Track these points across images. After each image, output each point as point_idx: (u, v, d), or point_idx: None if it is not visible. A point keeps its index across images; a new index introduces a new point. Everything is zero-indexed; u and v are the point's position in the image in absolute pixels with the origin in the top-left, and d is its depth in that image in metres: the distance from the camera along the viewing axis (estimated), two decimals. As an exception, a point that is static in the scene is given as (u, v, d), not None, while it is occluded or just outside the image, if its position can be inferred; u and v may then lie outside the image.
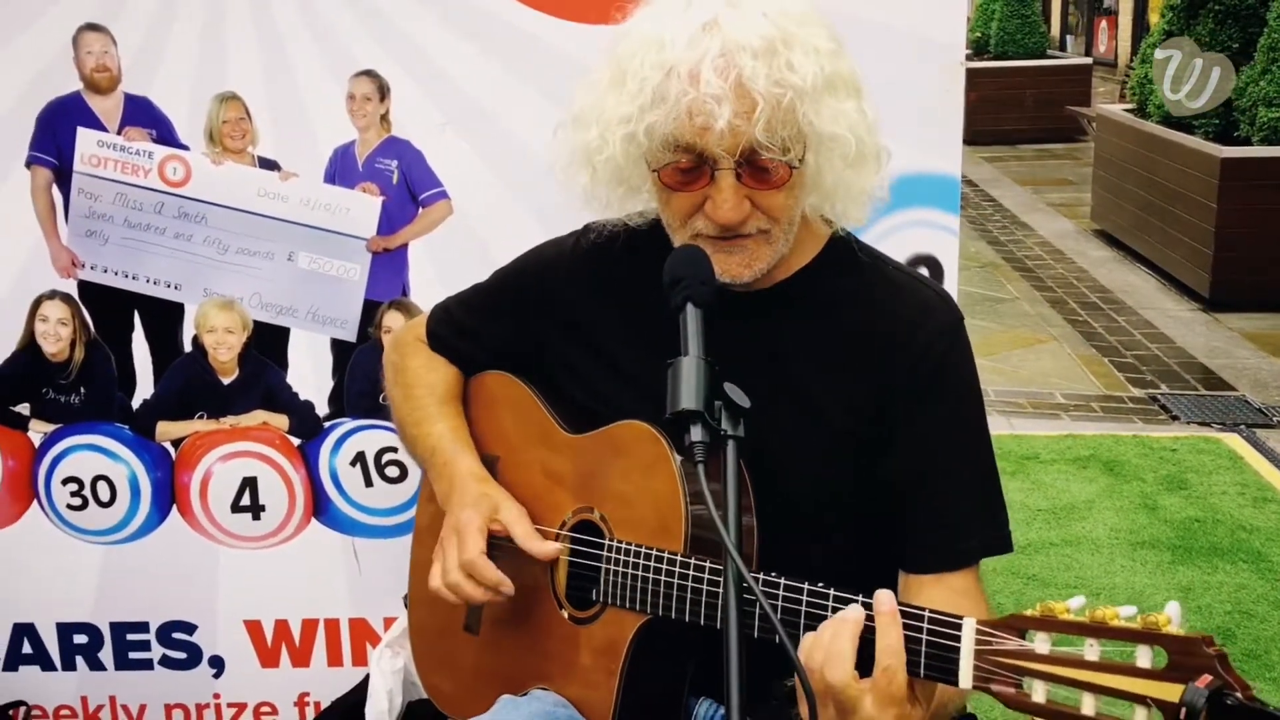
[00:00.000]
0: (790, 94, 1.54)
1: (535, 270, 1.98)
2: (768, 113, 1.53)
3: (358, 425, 2.66)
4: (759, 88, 1.52)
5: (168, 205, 2.53)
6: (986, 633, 1.34)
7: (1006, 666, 1.32)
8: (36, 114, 2.50)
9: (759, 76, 1.53)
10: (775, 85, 1.53)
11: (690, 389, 1.45)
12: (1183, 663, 1.19)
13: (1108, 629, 1.24)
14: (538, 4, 2.42)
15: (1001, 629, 1.33)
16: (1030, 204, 11.17)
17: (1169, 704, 1.18)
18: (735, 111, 1.52)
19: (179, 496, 2.70)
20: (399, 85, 2.49)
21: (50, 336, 2.59)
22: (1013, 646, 1.32)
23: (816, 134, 1.59)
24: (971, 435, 1.74)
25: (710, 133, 1.53)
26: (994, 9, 15.18)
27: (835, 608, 1.49)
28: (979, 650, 1.35)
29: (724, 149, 1.55)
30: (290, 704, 2.82)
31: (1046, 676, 1.28)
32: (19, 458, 2.68)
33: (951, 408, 1.73)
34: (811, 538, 1.70)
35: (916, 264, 2.48)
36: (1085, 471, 4.98)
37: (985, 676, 1.34)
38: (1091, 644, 1.25)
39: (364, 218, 2.55)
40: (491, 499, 1.85)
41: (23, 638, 2.78)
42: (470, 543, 1.78)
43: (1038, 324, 7.45)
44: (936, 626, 1.39)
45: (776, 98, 1.53)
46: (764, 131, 1.53)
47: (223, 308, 2.59)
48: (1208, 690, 1.16)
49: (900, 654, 1.39)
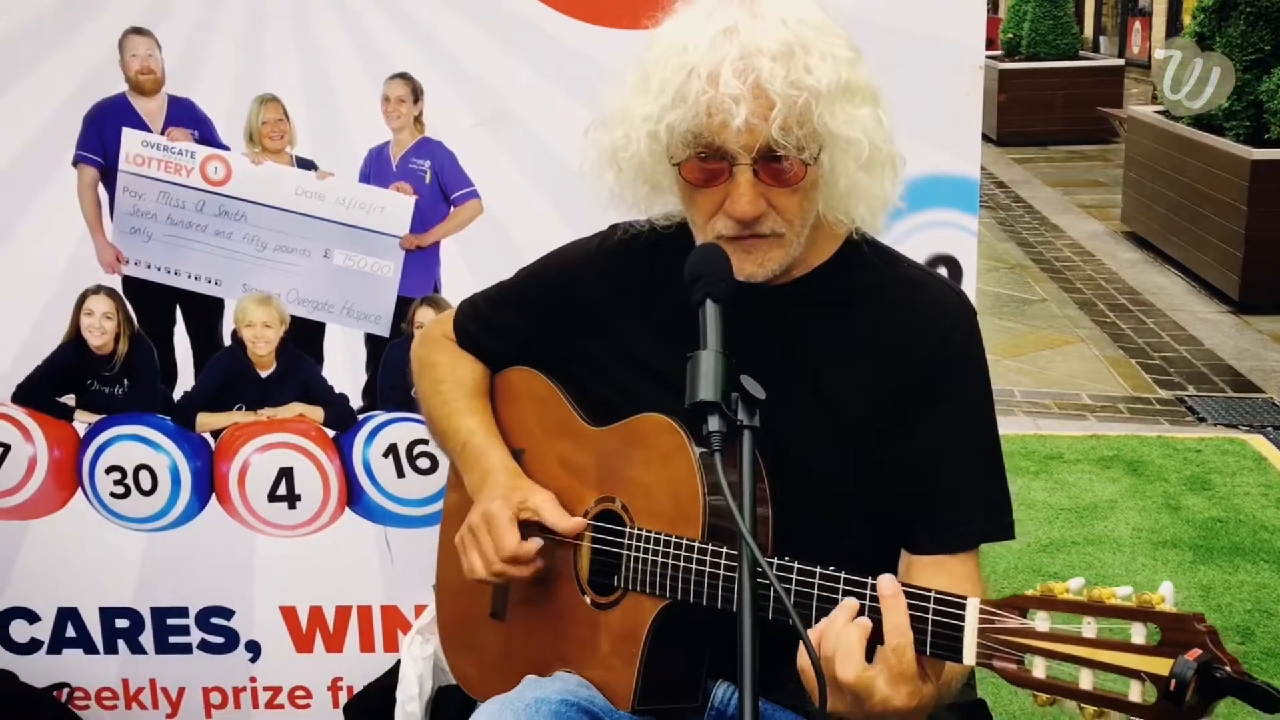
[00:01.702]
0: (806, 95, 1.60)
1: (560, 269, 2.04)
2: (784, 112, 1.59)
3: (390, 418, 2.71)
4: (776, 89, 1.59)
5: (209, 203, 2.59)
6: (989, 611, 1.40)
7: (1008, 644, 1.37)
8: (83, 114, 2.54)
9: (776, 78, 1.59)
10: (792, 87, 1.59)
11: (708, 381, 1.51)
12: (1175, 639, 1.24)
13: (1104, 607, 1.29)
14: (566, 9, 2.47)
15: (1004, 608, 1.39)
16: (1060, 205, 11.13)
17: (1160, 677, 1.23)
18: (753, 111, 1.59)
19: (218, 486, 2.75)
20: (432, 88, 2.53)
21: (95, 330, 2.65)
22: (1014, 625, 1.37)
23: (831, 136, 1.65)
24: (979, 426, 1.79)
25: (728, 130, 1.60)
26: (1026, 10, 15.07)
27: (846, 590, 1.55)
28: (982, 628, 1.40)
29: (742, 146, 1.62)
30: (324, 688, 2.86)
31: (1046, 653, 1.33)
32: (64, 447, 2.73)
33: (962, 399, 1.78)
34: (827, 525, 1.75)
35: (936, 264, 2.52)
36: (1108, 471, 4.99)
37: (988, 653, 1.39)
38: (1089, 622, 1.30)
39: (398, 216, 2.60)
40: (520, 489, 1.92)
41: (67, 621, 2.82)
42: (508, 537, 1.85)
43: (1065, 325, 7.44)
44: (941, 606, 1.45)
45: (793, 99, 1.59)
46: (780, 130, 1.60)
47: (261, 303, 2.64)
48: (1196, 663, 1.21)
49: (907, 632, 1.45)
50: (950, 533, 1.76)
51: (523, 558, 1.85)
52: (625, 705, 1.79)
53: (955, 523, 1.76)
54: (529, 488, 1.92)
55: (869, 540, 1.79)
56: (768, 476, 1.70)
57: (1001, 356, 6.59)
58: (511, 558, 1.85)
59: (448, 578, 2.16)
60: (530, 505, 1.88)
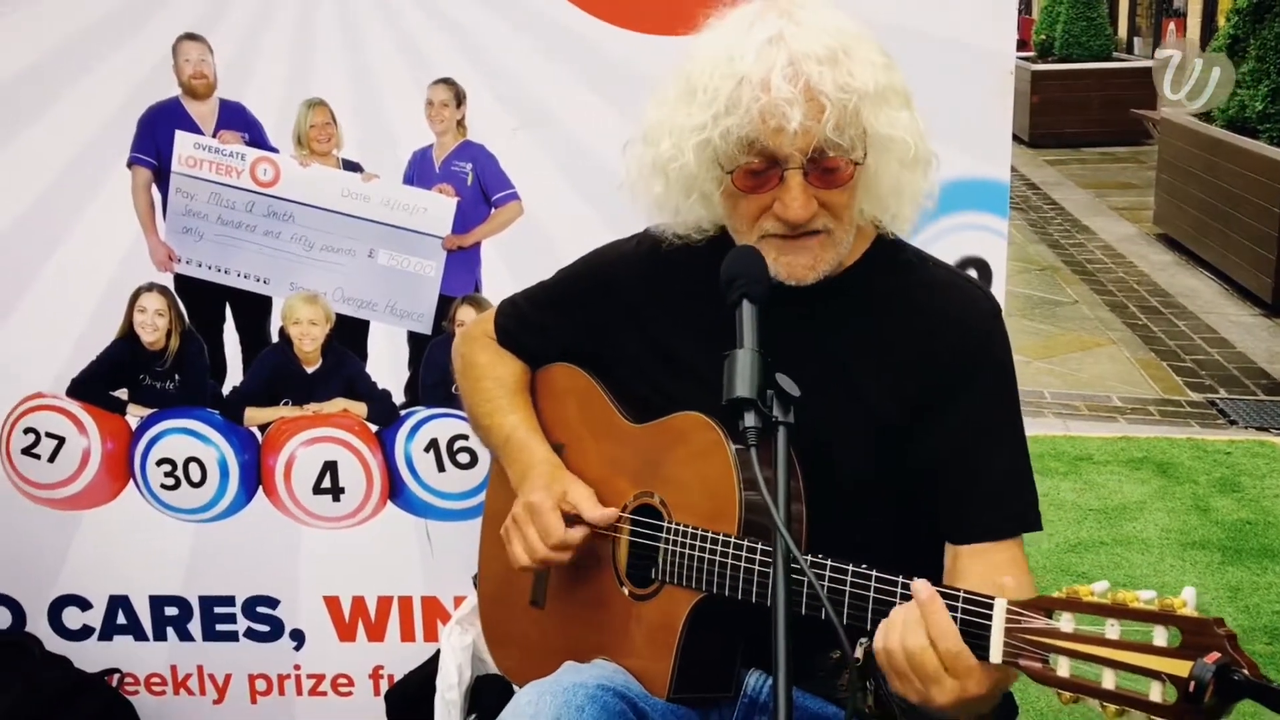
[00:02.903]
0: (855, 98, 1.65)
1: (599, 269, 2.08)
2: (836, 114, 1.64)
3: (431, 414, 2.75)
4: (827, 92, 1.64)
5: (258, 204, 2.64)
6: (1016, 612, 1.43)
7: (1034, 643, 1.40)
8: (138, 118, 2.60)
9: (826, 81, 1.64)
10: (841, 90, 1.64)
11: (744, 379, 1.55)
12: (1195, 642, 1.27)
13: (1127, 610, 1.32)
14: (606, 16, 2.51)
15: (1030, 609, 1.42)
16: (1093, 207, 11.09)
17: (1180, 678, 1.26)
18: (806, 114, 1.63)
19: (265, 478, 2.80)
20: (475, 92, 2.57)
21: (148, 326, 2.70)
22: (1040, 625, 1.40)
23: (877, 136, 1.70)
24: (1008, 417, 1.83)
25: (784, 134, 1.65)
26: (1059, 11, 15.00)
27: (878, 588, 1.59)
28: (1009, 628, 1.44)
29: (796, 149, 1.66)
30: (365, 676, 2.90)
31: (1070, 653, 1.36)
32: (117, 440, 2.79)
33: (991, 391, 1.82)
34: (860, 520, 1.78)
35: (966, 266, 2.55)
36: (1138, 473, 5.00)
37: (1014, 652, 1.43)
38: (1112, 624, 1.33)
39: (440, 217, 2.65)
40: (561, 482, 1.96)
41: (118, 609, 2.88)
42: (554, 526, 1.90)
43: (1097, 327, 7.43)
44: (970, 605, 1.49)
45: (843, 101, 1.64)
46: (834, 131, 1.65)
47: (307, 301, 2.69)
48: (1215, 666, 1.24)
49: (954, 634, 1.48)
50: (994, 520, 1.79)
51: (570, 544, 1.91)
52: (661, 693, 1.83)
53: (993, 511, 1.79)
54: (569, 480, 1.98)
55: (898, 534, 1.82)
56: (800, 473, 1.74)
57: (1032, 358, 6.60)
58: (559, 544, 1.90)
59: (489, 570, 2.22)
60: (570, 499, 1.94)
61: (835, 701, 1.87)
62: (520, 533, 1.95)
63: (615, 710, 1.77)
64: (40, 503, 2.83)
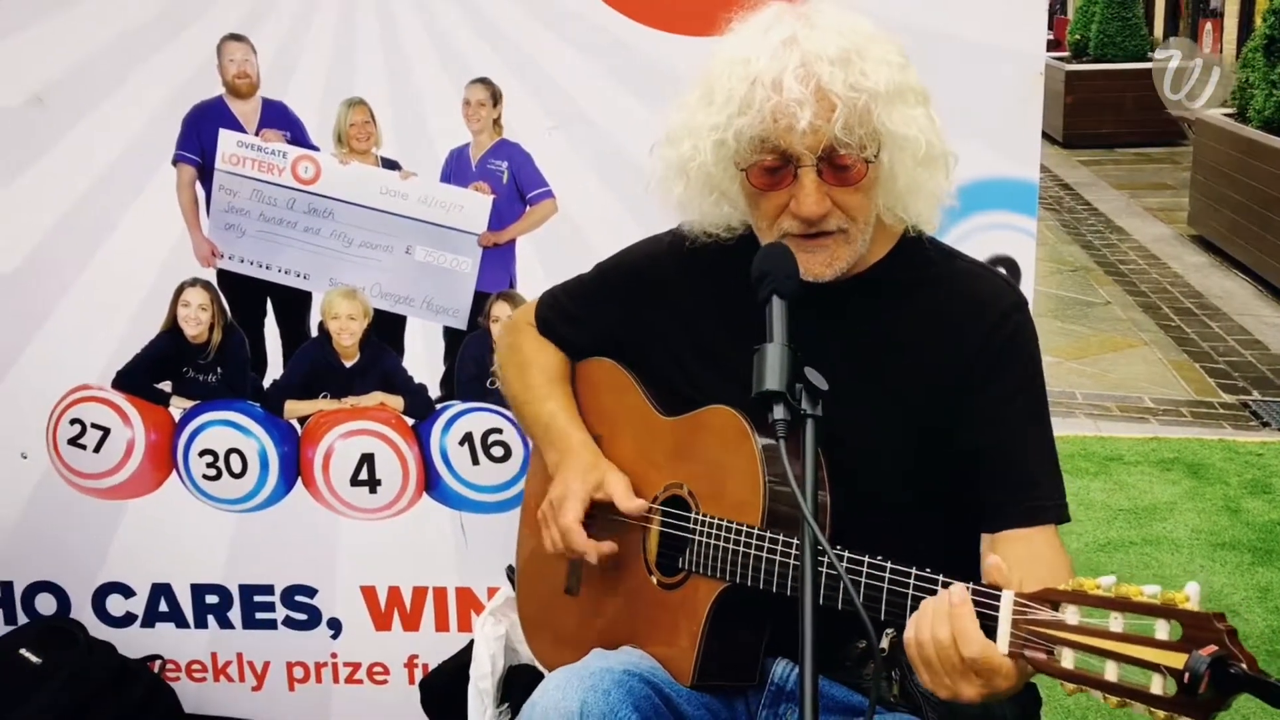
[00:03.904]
0: (865, 97, 1.69)
1: (635, 264, 2.13)
2: (845, 113, 1.68)
3: (466, 408, 2.79)
4: (837, 91, 1.67)
5: (299, 201, 2.68)
6: (1023, 604, 1.46)
7: (1040, 635, 1.43)
8: (183, 116, 2.65)
9: (836, 82, 1.68)
10: (851, 89, 1.68)
11: (774, 372, 1.58)
12: (1195, 635, 1.29)
13: (1131, 603, 1.35)
14: (640, 17, 2.55)
15: (1036, 601, 1.45)
16: (1126, 208, 11.02)
17: (1177, 670, 1.29)
18: (816, 113, 1.67)
19: (304, 470, 2.84)
20: (511, 92, 2.61)
21: (191, 320, 2.75)
22: (1046, 617, 1.43)
23: (890, 135, 1.73)
24: (1037, 404, 1.86)
25: (794, 133, 1.68)
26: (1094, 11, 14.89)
27: (892, 579, 1.62)
28: (1016, 619, 1.46)
29: (806, 147, 1.70)
30: (400, 665, 2.93)
31: (1075, 645, 1.38)
32: (161, 431, 2.83)
33: (1019, 379, 1.84)
34: (886, 512, 1.81)
35: (994, 265, 2.56)
36: (1169, 474, 4.99)
37: (1021, 643, 1.45)
38: (1116, 617, 1.36)
39: (476, 215, 2.68)
40: (599, 470, 2.01)
41: (160, 597, 2.93)
42: (568, 509, 1.96)
43: (1129, 329, 7.40)
44: (978, 597, 1.51)
45: (853, 100, 1.68)
46: (843, 130, 1.68)
47: (346, 296, 2.73)
48: (1210, 658, 1.26)
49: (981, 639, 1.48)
50: (1032, 506, 1.80)
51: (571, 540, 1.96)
52: (686, 680, 1.87)
53: (1034, 495, 1.80)
54: (606, 468, 2.02)
55: (919, 527, 1.84)
56: (828, 466, 1.76)
57: (1064, 359, 6.58)
58: (564, 532, 1.96)
59: (526, 560, 2.27)
60: (605, 488, 1.98)
61: (861, 690, 1.90)
62: (546, 524, 2.01)
63: (641, 695, 1.81)
64: (85, 492, 2.88)
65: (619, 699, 1.76)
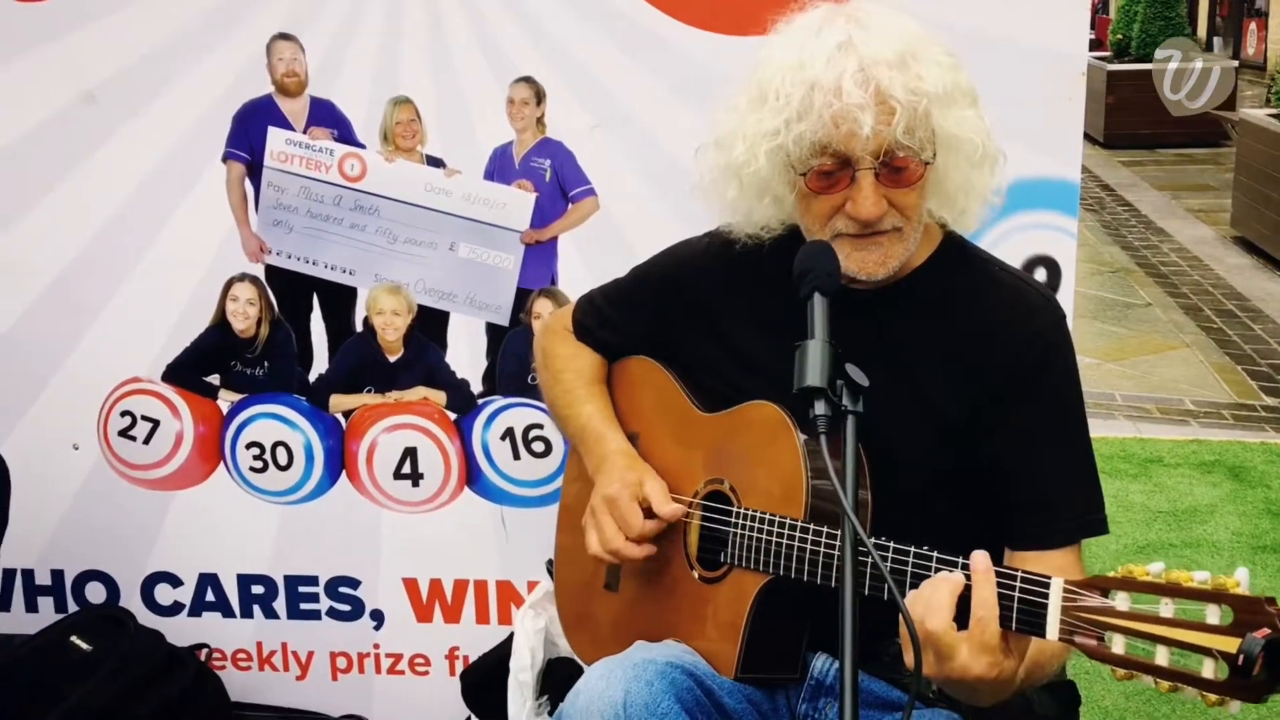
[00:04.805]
0: (925, 100, 1.70)
1: (671, 267, 2.14)
2: (906, 117, 1.69)
3: (508, 403, 2.81)
4: (897, 95, 1.68)
5: (345, 198, 2.71)
6: (1073, 591, 1.47)
7: (1090, 621, 1.44)
8: (233, 114, 2.69)
9: (896, 85, 1.68)
10: (910, 93, 1.69)
11: (815, 368, 1.58)
12: (1246, 619, 1.30)
13: (1181, 589, 1.36)
14: (683, 17, 2.56)
15: (1086, 588, 1.46)
16: (1168, 209, 10.92)
17: (1229, 654, 1.30)
18: (877, 118, 1.68)
19: (348, 463, 2.87)
20: (554, 90, 2.63)
21: (240, 315, 2.79)
22: (1095, 604, 1.44)
23: (946, 136, 1.75)
24: (1071, 424, 1.86)
25: (856, 138, 1.69)
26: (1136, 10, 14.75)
27: (938, 569, 1.63)
28: (1065, 606, 1.48)
29: (868, 151, 1.71)
30: (442, 656, 2.96)
31: (1125, 631, 1.39)
32: (209, 424, 2.88)
33: (1052, 399, 1.84)
34: (920, 516, 1.81)
35: (1035, 265, 2.58)
36: (1209, 476, 4.96)
37: (1070, 629, 1.47)
38: (1166, 603, 1.37)
39: (519, 212, 2.70)
40: (637, 474, 2.03)
41: (207, 586, 2.97)
42: (634, 518, 1.97)
43: (1170, 330, 7.34)
44: (1027, 585, 1.52)
45: (913, 104, 1.69)
46: (904, 133, 1.69)
47: (391, 292, 2.76)
48: (1265, 640, 1.27)
49: (992, 607, 1.52)
50: (1046, 528, 1.82)
51: (647, 536, 1.98)
52: (729, 673, 1.89)
53: (1050, 518, 1.82)
54: (644, 471, 2.04)
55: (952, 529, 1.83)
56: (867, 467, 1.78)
57: (1103, 360, 6.55)
58: (639, 536, 1.97)
59: (566, 556, 2.29)
60: (645, 491, 2.00)
61: (900, 686, 1.91)
62: (597, 523, 2.01)
63: (684, 686, 1.82)
64: (135, 483, 2.93)
65: (662, 689, 1.78)
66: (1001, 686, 1.57)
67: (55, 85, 2.71)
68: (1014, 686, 1.60)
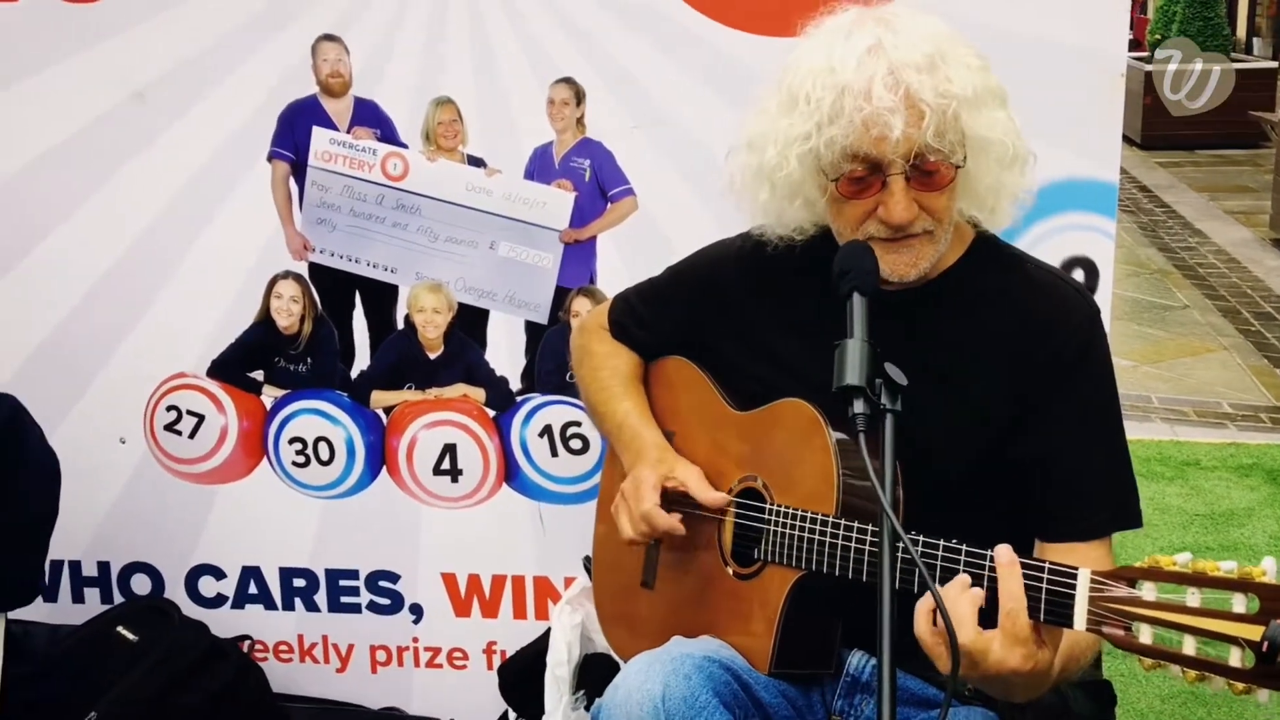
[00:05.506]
0: (954, 103, 1.71)
1: (705, 268, 2.17)
2: (936, 120, 1.70)
3: (546, 400, 2.83)
4: (926, 99, 1.69)
5: (388, 197, 2.74)
6: (1100, 581, 1.48)
7: (1117, 611, 1.45)
8: (278, 114, 2.72)
9: (925, 89, 1.69)
10: (940, 96, 1.70)
11: (854, 367, 1.60)
12: (1272, 607, 1.31)
13: (1207, 578, 1.36)
14: (721, 18, 2.57)
15: (1113, 578, 1.46)
16: (1206, 211, 10.83)
17: (1255, 642, 1.30)
18: (907, 121, 1.69)
19: (388, 459, 2.90)
20: (594, 91, 2.65)
21: (283, 312, 2.82)
22: (1123, 594, 1.45)
23: (976, 138, 1.76)
24: (1105, 420, 1.87)
25: (886, 142, 1.70)
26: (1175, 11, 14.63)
27: (968, 562, 1.64)
28: (1093, 596, 1.48)
29: (898, 155, 1.72)
30: (479, 651, 2.98)
31: (1152, 620, 1.40)
32: (253, 419, 2.91)
33: (1087, 394, 1.85)
34: (954, 513, 1.80)
35: (1073, 266, 2.58)
36: (1247, 480, 4.92)
37: (1098, 619, 1.47)
38: (1193, 592, 1.37)
39: (558, 211, 2.72)
40: (669, 462, 2.05)
41: (250, 579, 3.00)
42: (645, 496, 1.99)
43: (1208, 333, 7.29)
44: (1054, 576, 1.53)
45: (942, 107, 1.70)
46: (934, 137, 1.70)
47: (432, 290, 2.79)
48: None
49: (1020, 599, 1.53)
50: (1079, 520, 1.83)
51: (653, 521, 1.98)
52: (763, 668, 1.91)
53: (1083, 512, 1.83)
54: (676, 460, 2.06)
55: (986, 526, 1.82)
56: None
57: (1140, 363, 6.51)
58: (646, 517, 1.99)
59: (603, 553, 2.32)
60: (677, 476, 2.02)
61: (935, 683, 1.92)
62: (626, 507, 2.04)
63: (721, 680, 1.84)
64: (180, 477, 2.97)
65: (700, 683, 1.80)
66: (1038, 679, 1.58)
67: (105, 86, 2.75)
68: (1050, 679, 1.61)
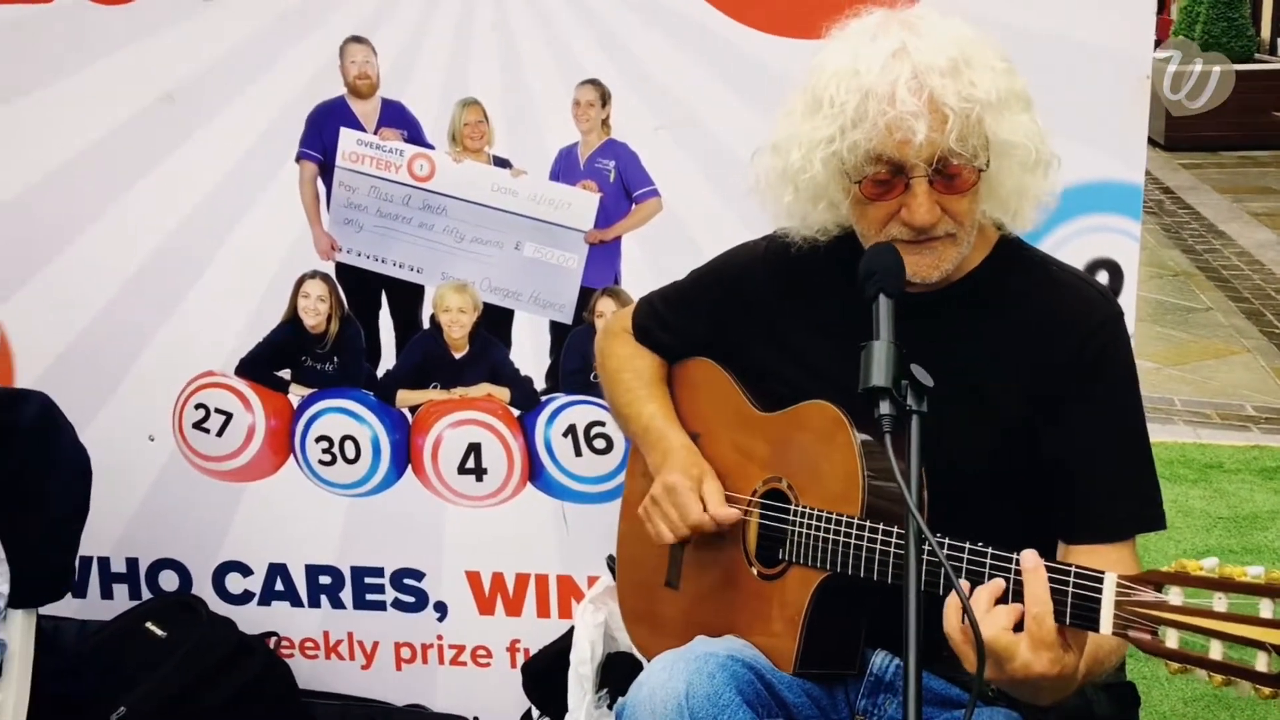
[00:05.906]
0: (977, 107, 1.71)
1: (729, 270, 2.18)
2: (959, 125, 1.70)
3: (570, 400, 2.84)
4: (950, 103, 1.70)
5: (414, 198, 2.75)
6: (1126, 586, 1.49)
7: (1143, 616, 1.45)
8: (306, 115, 2.73)
9: (948, 93, 1.70)
10: (963, 100, 1.70)
11: (880, 368, 1.61)
12: None
13: (1234, 583, 1.37)
14: (746, 20, 2.58)
15: (1140, 583, 1.47)
16: (1230, 213, 10.75)
17: None
18: (930, 125, 1.69)
19: (414, 457, 2.91)
20: (619, 92, 2.66)
21: (310, 311, 2.84)
22: (1149, 598, 1.45)
23: (999, 142, 1.76)
24: (1128, 421, 1.87)
25: (910, 146, 1.71)
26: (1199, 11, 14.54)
27: (993, 565, 1.65)
28: (1119, 600, 1.49)
29: (921, 159, 1.73)
30: (503, 649, 2.99)
31: (1179, 625, 1.41)
32: (280, 417, 2.93)
33: (1109, 396, 1.86)
34: (976, 514, 1.81)
35: (1097, 268, 2.58)
36: (1271, 483, 4.90)
37: (1124, 624, 1.48)
38: (1220, 597, 1.38)
39: (583, 212, 2.73)
40: (698, 470, 2.06)
41: (276, 576, 3.02)
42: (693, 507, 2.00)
43: (1231, 335, 7.25)
44: (1081, 579, 1.54)
45: (965, 111, 1.71)
46: (957, 141, 1.71)
47: (457, 290, 2.80)
48: None
49: (1046, 602, 1.54)
50: (1103, 523, 1.84)
51: (701, 528, 2.01)
52: (787, 668, 1.92)
53: (1107, 514, 1.84)
54: (704, 468, 2.07)
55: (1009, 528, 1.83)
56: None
57: (1163, 365, 6.48)
58: (695, 526, 2.00)
59: (627, 553, 2.33)
60: (704, 490, 2.03)
61: (959, 684, 1.93)
62: (661, 511, 2.05)
63: (744, 679, 1.85)
64: (208, 474, 2.99)
65: (723, 682, 1.81)
66: (1064, 683, 1.59)
67: (135, 87, 2.77)
68: (1076, 683, 1.62)
